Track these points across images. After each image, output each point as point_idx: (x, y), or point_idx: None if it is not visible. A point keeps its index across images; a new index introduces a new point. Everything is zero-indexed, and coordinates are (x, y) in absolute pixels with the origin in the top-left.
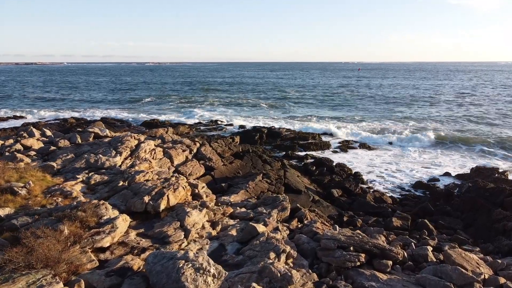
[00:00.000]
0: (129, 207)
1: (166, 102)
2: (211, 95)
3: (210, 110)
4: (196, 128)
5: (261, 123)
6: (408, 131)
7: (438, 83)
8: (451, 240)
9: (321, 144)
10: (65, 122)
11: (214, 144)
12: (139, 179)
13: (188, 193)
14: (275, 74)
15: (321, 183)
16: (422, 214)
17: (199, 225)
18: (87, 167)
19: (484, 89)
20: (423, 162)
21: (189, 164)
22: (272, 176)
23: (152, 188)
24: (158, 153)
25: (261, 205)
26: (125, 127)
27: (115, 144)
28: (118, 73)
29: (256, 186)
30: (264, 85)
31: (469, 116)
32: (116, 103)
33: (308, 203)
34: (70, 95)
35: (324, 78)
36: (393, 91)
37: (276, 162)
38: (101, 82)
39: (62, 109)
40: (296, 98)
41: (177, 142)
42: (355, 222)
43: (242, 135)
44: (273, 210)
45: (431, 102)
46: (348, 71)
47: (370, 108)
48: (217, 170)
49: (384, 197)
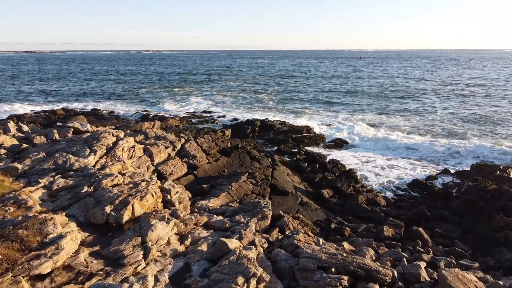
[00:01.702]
0: (89, 218)
1: (162, 93)
2: (209, 84)
3: (206, 101)
4: (188, 120)
5: (257, 114)
6: (408, 125)
7: (442, 72)
8: (448, 253)
9: (315, 138)
10: (53, 114)
11: (200, 140)
12: (106, 184)
13: (158, 200)
14: (276, 62)
15: (312, 181)
16: (417, 219)
17: (163, 240)
18: (55, 168)
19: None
20: (422, 157)
21: (171, 163)
22: (258, 176)
23: (117, 195)
24: (137, 151)
25: (240, 212)
26: (114, 120)
27: (90, 142)
28: (116, 62)
29: (240, 188)
30: (264, 74)
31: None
32: (110, 94)
33: (295, 206)
34: (64, 85)
35: (328, 67)
36: (395, 82)
37: (266, 159)
38: (97, 71)
39: (53, 100)
40: (296, 88)
41: (160, 138)
42: (342, 231)
43: (234, 128)
44: (252, 218)
45: (434, 93)
46: (348, 59)
47: (370, 99)
48: (200, 168)
49: (378, 198)
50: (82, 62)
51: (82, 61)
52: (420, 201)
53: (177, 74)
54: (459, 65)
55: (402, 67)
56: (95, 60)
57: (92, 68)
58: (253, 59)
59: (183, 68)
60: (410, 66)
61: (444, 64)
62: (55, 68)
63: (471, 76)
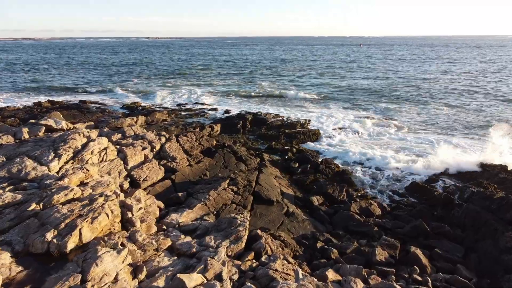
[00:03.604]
0: (28, 245)
1: (155, 83)
2: (204, 73)
3: (200, 91)
4: (177, 113)
5: (252, 106)
6: (411, 115)
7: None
8: (449, 283)
9: (309, 134)
10: (38, 106)
11: (182, 139)
12: (57, 200)
13: (116, 220)
14: (276, 49)
15: (302, 184)
16: (415, 235)
17: (110, 277)
18: (8, 178)
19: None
20: (422, 152)
21: (146, 166)
22: (240, 182)
23: (65, 216)
24: (110, 153)
25: (213, 230)
26: (99, 113)
27: (58, 144)
28: (113, 49)
29: (218, 197)
30: (264, 62)
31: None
32: (102, 83)
33: (280, 217)
34: (57, 74)
35: (330, 54)
36: (398, 70)
37: (254, 159)
38: (92, 59)
39: (41, 90)
40: (295, 76)
41: (138, 138)
42: (329, 253)
43: (224, 122)
44: (224, 241)
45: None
46: (349, 46)
47: (371, 89)
48: (179, 172)
49: (372, 207)
50: (80, 49)
51: (81, 48)
52: (419, 209)
53: (173, 62)
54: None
55: (406, 53)
56: (93, 47)
57: (88, 56)
58: (253, 46)
59: (180, 56)
60: (413, 52)
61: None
62: (51, 56)
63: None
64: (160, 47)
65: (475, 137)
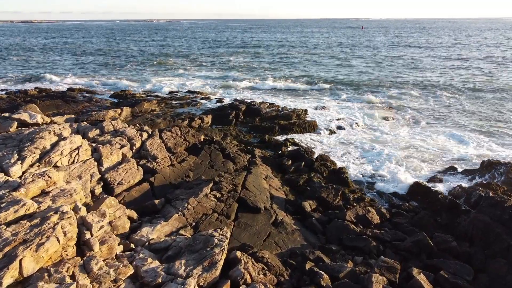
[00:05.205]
0: None
1: (150, 69)
2: (202, 58)
3: (194, 78)
4: (167, 102)
5: (246, 95)
6: (415, 104)
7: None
8: None
9: (305, 125)
10: (23, 95)
11: (166, 135)
12: (4, 219)
13: (70, 244)
14: (278, 32)
15: (295, 185)
16: (417, 252)
17: None
18: None
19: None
20: (427, 150)
21: (122, 168)
22: (225, 187)
23: (5, 243)
24: (82, 153)
25: (185, 252)
26: (85, 103)
27: (23, 144)
28: (110, 32)
29: (198, 206)
30: (263, 47)
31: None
32: (93, 69)
33: (267, 227)
34: (47, 59)
35: (328, 37)
36: (400, 56)
37: (244, 155)
38: (86, 43)
39: (30, 76)
40: (294, 62)
41: (117, 134)
42: (318, 280)
43: (215, 113)
44: (196, 267)
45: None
46: (350, 29)
47: (372, 76)
48: (160, 174)
49: (370, 214)
50: (77, 32)
51: (77, 31)
52: (421, 216)
53: (170, 46)
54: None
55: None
56: (90, 30)
57: (83, 39)
58: (252, 30)
59: (178, 40)
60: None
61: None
62: (45, 40)
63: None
64: (158, 31)
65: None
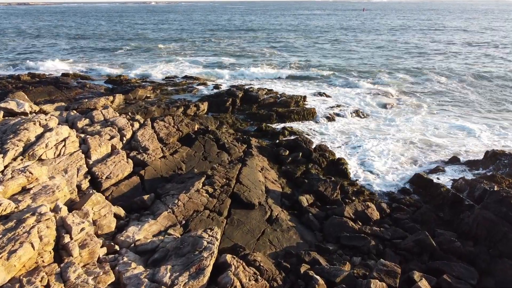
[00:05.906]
0: None
1: (146, 52)
2: (198, 42)
3: (193, 63)
4: (163, 89)
5: (245, 81)
6: (414, 90)
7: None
8: None
9: (304, 113)
10: (16, 80)
11: (158, 124)
12: None
13: (46, 249)
14: (278, 14)
15: (292, 177)
16: (419, 252)
17: None
18: None
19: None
20: (429, 139)
21: (111, 161)
22: (218, 181)
23: None
24: (69, 145)
25: (172, 255)
26: (78, 89)
27: (7, 136)
28: (107, 15)
29: (189, 202)
30: (264, 30)
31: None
32: (89, 54)
33: (262, 224)
34: (43, 43)
35: (328, 20)
36: (402, 40)
37: (239, 146)
38: (83, 26)
39: (22, 61)
40: (292, 46)
41: (107, 124)
42: (312, 285)
43: (212, 100)
44: (183, 274)
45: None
46: (350, 11)
47: (373, 62)
48: (150, 166)
49: (369, 210)
50: (74, 14)
51: (73, 14)
52: (422, 211)
53: (167, 30)
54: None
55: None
56: (87, 13)
57: (79, 22)
58: (252, 13)
59: (175, 23)
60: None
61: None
62: (41, 23)
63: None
64: (156, 13)
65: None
